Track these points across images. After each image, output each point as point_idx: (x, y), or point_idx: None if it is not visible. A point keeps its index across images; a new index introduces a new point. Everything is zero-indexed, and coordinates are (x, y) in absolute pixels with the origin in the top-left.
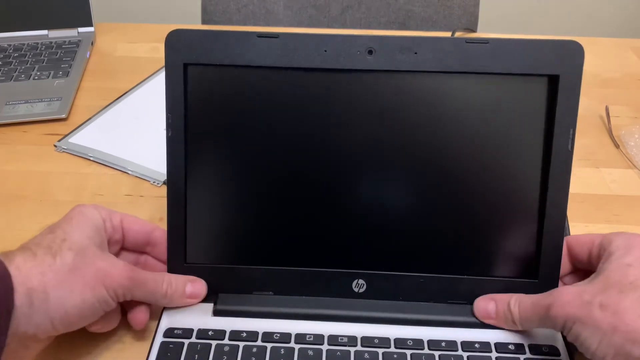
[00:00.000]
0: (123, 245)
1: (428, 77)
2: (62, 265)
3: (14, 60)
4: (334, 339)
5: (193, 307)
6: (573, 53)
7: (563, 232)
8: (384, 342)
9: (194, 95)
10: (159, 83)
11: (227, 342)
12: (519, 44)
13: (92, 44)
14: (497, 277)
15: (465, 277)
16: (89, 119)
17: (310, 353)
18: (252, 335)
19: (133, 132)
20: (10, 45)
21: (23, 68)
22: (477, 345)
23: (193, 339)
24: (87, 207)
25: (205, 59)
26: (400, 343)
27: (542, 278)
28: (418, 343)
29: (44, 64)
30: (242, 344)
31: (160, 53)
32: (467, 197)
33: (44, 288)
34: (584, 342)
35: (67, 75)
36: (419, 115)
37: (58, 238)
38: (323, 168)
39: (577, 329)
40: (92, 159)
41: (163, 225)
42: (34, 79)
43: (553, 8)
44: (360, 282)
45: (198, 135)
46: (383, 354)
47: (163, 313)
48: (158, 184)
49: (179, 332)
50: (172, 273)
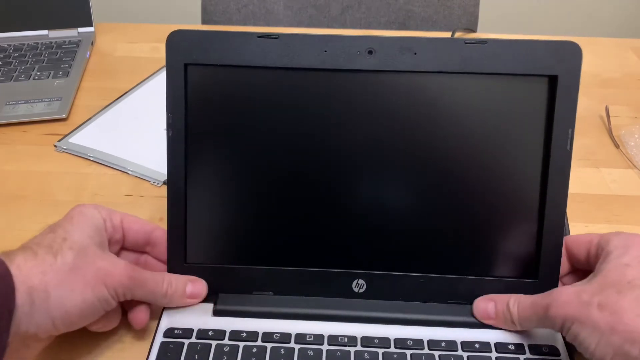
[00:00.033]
0: (123, 245)
1: (427, 77)
2: (62, 265)
3: (14, 60)
4: (334, 339)
5: (193, 307)
6: (571, 53)
7: (563, 232)
8: (384, 342)
9: (195, 96)
10: (159, 83)
11: (227, 342)
12: (518, 45)
13: (92, 44)
14: (497, 277)
15: (465, 277)
16: (89, 119)
17: (310, 353)
18: (252, 335)
19: (133, 132)
20: (10, 45)
21: (23, 68)
22: (477, 345)
23: (193, 339)
24: (87, 206)
25: (206, 60)
26: (400, 343)
27: (542, 278)
28: (418, 343)
29: (44, 64)
30: (242, 344)
31: (161, 53)
32: (466, 197)
33: (45, 287)
34: (583, 342)
35: (67, 75)
36: (418, 116)
37: (59, 237)
38: (323, 168)
39: (575, 329)
40: (92, 159)
41: (163, 225)
42: (34, 79)
43: (553, 8)
44: (360, 282)
45: (198, 135)
46: (383, 354)
47: (163, 313)
48: (158, 184)
49: (179, 332)
50: (172, 273)
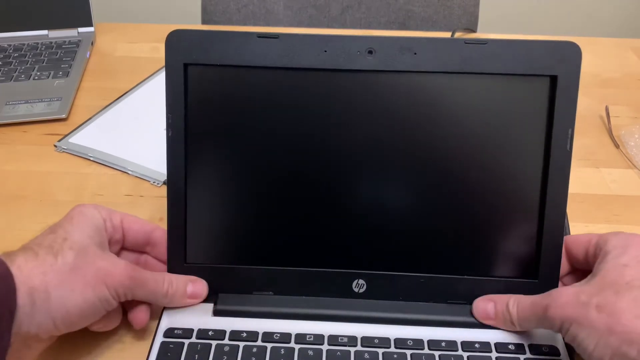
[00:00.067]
0: (123, 245)
1: (427, 77)
2: (63, 265)
3: (14, 60)
4: (334, 339)
5: (193, 307)
6: (571, 54)
7: (563, 232)
8: (384, 342)
9: (194, 96)
10: (159, 83)
11: (227, 342)
12: (518, 45)
13: (92, 44)
14: (497, 277)
15: (465, 277)
16: (89, 119)
17: (310, 353)
18: (252, 335)
19: (133, 132)
20: (10, 45)
21: (23, 68)
22: (477, 345)
23: (193, 339)
24: (87, 206)
25: (206, 59)
26: (400, 343)
27: (542, 278)
28: (418, 343)
29: (44, 64)
30: (242, 344)
31: (161, 53)
32: (466, 197)
33: (46, 288)
34: (581, 343)
35: (67, 75)
36: (418, 116)
37: (59, 237)
38: (323, 168)
39: (574, 330)
40: (92, 159)
41: (163, 225)
42: (34, 79)
43: (553, 8)
44: (360, 282)
45: (198, 135)
46: (383, 354)
47: (163, 313)
48: (158, 184)
49: (179, 332)
50: (172, 273)
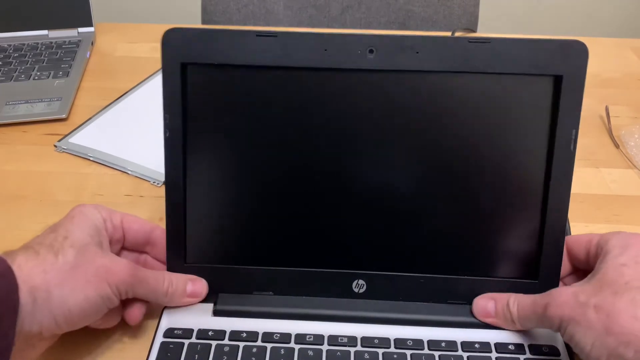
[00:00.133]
0: (123, 245)
1: (429, 76)
2: (64, 264)
3: (14, 60)
4: (334, 339)
5: (193, 307)
6: (577, 53)
7: (564, 233)
8: (384, 342)
9: (192, 95)
10: (159, 83)
11: (227, 342)
12: (522, 44)
13: (92, 44)
14: (497, 277)
15: (465, 277)
16: (89, 119)
17: (310, 353)
18: (252, 336)
19: (133, 132)
20: (10, 45)
21: (23, 68)
22: (477, 346)
23: (193, 339)
24: (87, 206)
25: (203, 59)
26: (400, 343)
27: (542, 279)
28: (418, 343)
29: (44, 64)
30: (242, 344)
31: (160, 53)
32: (468, 197)
33: (47, 286)
34: (579, 343)
35: (67, 75)
36: (420, 115)
37: (60, 236)
38: (322, 168)
39: (571, 330)
40: (92, 159)
41: (163, 225)
42: (34, 79)
43: (553, 8)
44: (360, 282)
45: (196, 136)
46: (383, 354)
47: (163, 313)
48: (158, 184)
49: (179, 332)
50: None
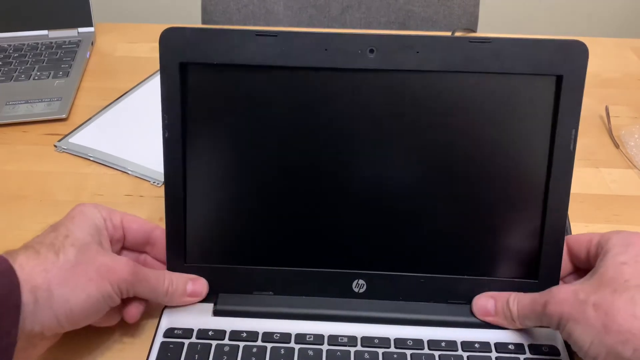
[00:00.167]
0: (123, 245)
1: (429, 76)
2: (65, 262)
3: (14, 61)
4: (334, 339)
5: (193, 307)
6: (577, 53)
7: (564, 232)
8: (384, 342)
9: (191, 95)
10: (159, 83)
11: (227, 342)
12: (522, 44)
13: (92, 44)
14: (497, 277)
15: (466, 277)
16: (89, 119)
17: (310, 353)
18: (252, 335)
19: (133, 132)
20: (10, 45)
21: (23, 68)
22: (477, 345)
23: (193, 339)
24: (87, 206)
25: (202, 58)
26: (400, 343)
27: (542, 278)
28: (418, 343)
29: (44, 64)
30: (242, 344)
31: None
32: (468, 197)
33: (48, 286)
34: (577, 340)
35: (67, 75)
36: (419, 115)
37: (60, 235)
38: (322, 168)
39: (570, 328)
40: (92, 159)
41: (163, 225)
42: (34, 79)
43: (553, 8)
44: (360, 282)
45: (195, 136)
46: (383, 354)
47: (163, 313)
48: (158, 184)
49: (179, 332)
50: None
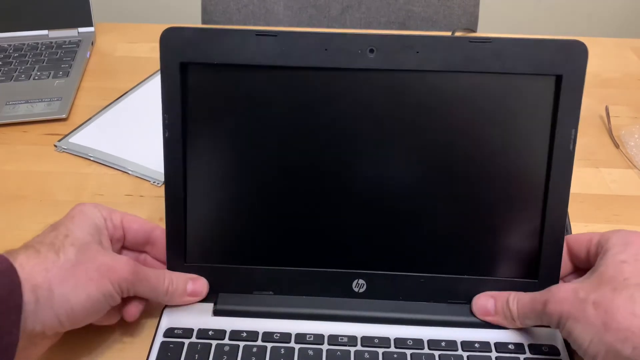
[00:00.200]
0: (123, 244)
1: (429, 76)
2: (65, 262)
3: (14, 60)
4: (334, 339)
5: (193, 306)
6: (577, 53)
7: (564, 232)
8: (384, 342)
9: (191, 95)
10: (159, 83)
11: (227, 342)
12: (522, 44)
13: (92, 44)
14: (497, 277)
15: (466, 277)
16: (89, 119)
17: (310, 353)
18: (252, 335)
19: (133, 132)
20: (10, 45)
21: (23, 68)
22: (477, 345)
23: (193, 339)
24: (87, 205)
25: (202, 58)
26: (400, 343)
27: (542, 278)
28: (418, 343)
29: (44, 64)
30: (242, 344)
31: None
32: (468, 197)
33: (49, 285)
34: (577, 339)
35: (67, 75)
36: (419, 115)
37: (61, 234)
38: (323, 168)
39: (570, 326)
40: (92, 159)
41: (163, 225)
42: (34, 79)
43: (553, 8)
44: (360, 282)
45: (196, 135)
46: (383, 354)
47: (163, 313)
48: (158, 184)
49: (179, 332)
50: None
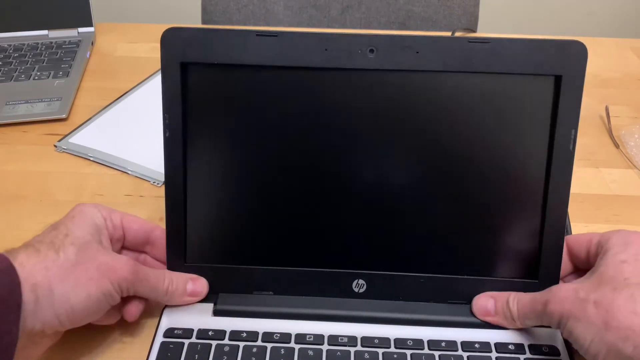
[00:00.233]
0: (123, 244)
1: (429, 76)
2: (65, 261)
3: (14, 60)
4: (334, 339)
5: (193, 307)
6: (576, 53)
7: (564, 232)
8: (384, 342)
9: (191, 95)
10: (159, 83)
11: (227, 342)
12: (521, 44)
13: (92, 44)
14: (497, 277)
15: (466, 277)
16: (89, 119)
17: (310, 353)
18: (252, 335)
19: (133, 132)
20: (10, 45)
21: (23, 68)
22: (477, 345)
23: (193, 339)
24: (87, 205)
25: (203, 58)
26: (400, 343)
27: (542, 278)
28: (418, 343)
29: (44, 64)
30: (242, 344)
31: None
32: (468, 197)
33: (49, 284)
34: (578, 338)
35: (67, 75)
36: (419, 115)
37: (61, 234)
38: (323, 168)
39: (571, 325)
40: (92, 159)
41: (163, 225)
42: (34, 79)
43: (553, 8)
44: (361, 282)
45: (196, 135)
46: (383, 354)
47: (163, 313)
48: (158, 184)
49: (179, 332)
50: None
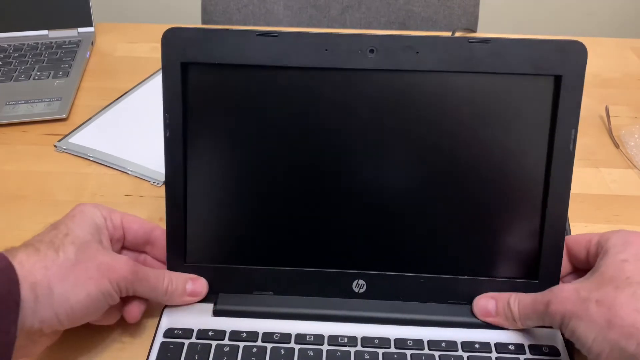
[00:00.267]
0: (123, 244)
1: (429, 76)
2: (65, 260)
3: (14, 60)
4: (334, 339)
5: (193, 307)
6: (576, 53)
7: (564, 232)
8: (384, 342)
9: (192, 95)
10: (159, 83)
11: (227, 342)
12: (522, 44)
13: (92, 44)
14: (497, 277)
15: (466, 277)
16: (89, 119)
17: (310, 353)
18: (252, 336)
19: (133, 132)
20: (10, 45)
21: (23, 68)
22: (477, 346)
23: (193, 339)
24: (88, 205)
25: (203, 58)
26: (400, 343)
27: (542, 278)
28: (418, 343)
29: (44, 64)
30: (242, 344)
31: (160, 53)
32: (468, 197)
33: (48, 283)
34: (580, 337)
35: (67, 75)
36: (419, 115)
37: (61, 233)
38: (323, 168)
39: (573, 325)
40: (92, 159)
41: (163, 225)
42: (34, 79)
43: (553, 8)
44: (360, 282)
45: (196, 135)
46: (383, 354)
47: (163, 313)
48: (158, 184)
49: (179, 332)
50: None
